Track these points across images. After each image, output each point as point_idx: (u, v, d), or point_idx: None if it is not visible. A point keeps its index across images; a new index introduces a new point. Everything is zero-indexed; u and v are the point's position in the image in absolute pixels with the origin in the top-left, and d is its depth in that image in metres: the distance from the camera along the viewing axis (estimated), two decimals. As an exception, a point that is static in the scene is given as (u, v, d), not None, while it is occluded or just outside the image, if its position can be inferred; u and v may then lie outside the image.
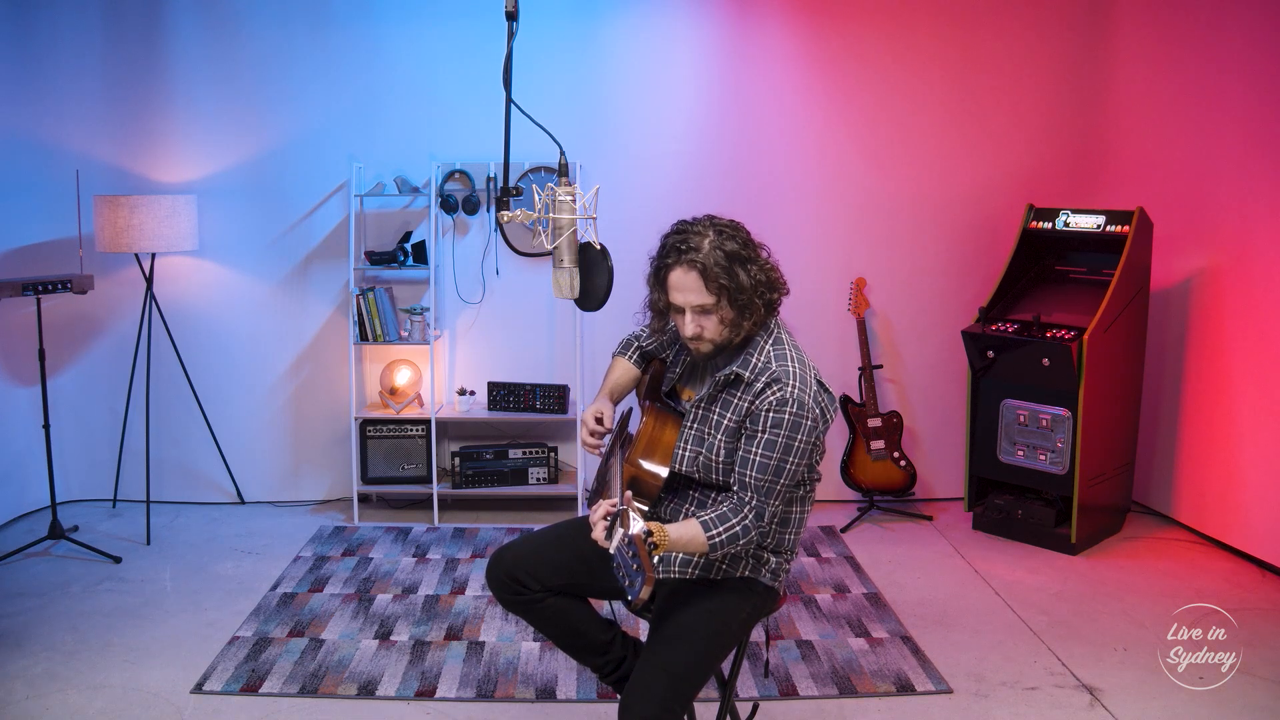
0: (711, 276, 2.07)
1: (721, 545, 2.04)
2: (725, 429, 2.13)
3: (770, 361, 2.12)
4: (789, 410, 2.05)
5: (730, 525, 2.04)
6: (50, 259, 4.36)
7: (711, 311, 2.10)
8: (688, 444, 2.18)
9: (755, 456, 2.07)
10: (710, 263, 2.06)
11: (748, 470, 2.07)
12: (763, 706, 2.89)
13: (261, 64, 4.40)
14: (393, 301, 4.56)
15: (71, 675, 3.06)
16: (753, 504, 2.06)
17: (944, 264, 4.64)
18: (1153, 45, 4.39)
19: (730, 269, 2.07)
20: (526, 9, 2.47)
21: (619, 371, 2.49)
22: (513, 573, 2.28)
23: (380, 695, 2.98)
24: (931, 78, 4.51)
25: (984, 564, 4.03)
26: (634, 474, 2.19)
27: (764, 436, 2.06)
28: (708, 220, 2.14)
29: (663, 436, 2.22)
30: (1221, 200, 4.09)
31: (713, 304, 2.09)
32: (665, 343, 2.45)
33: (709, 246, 2.07)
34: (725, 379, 2.14)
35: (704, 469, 2.17)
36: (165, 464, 4.59)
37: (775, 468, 2.06)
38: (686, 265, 2.08)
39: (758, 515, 2.06)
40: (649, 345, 2.49)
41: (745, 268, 2.09)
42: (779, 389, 2.07)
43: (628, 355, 2.51)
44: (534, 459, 4.55)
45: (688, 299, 2.10)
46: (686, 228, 2.14)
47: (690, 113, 4.51)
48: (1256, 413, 3.91)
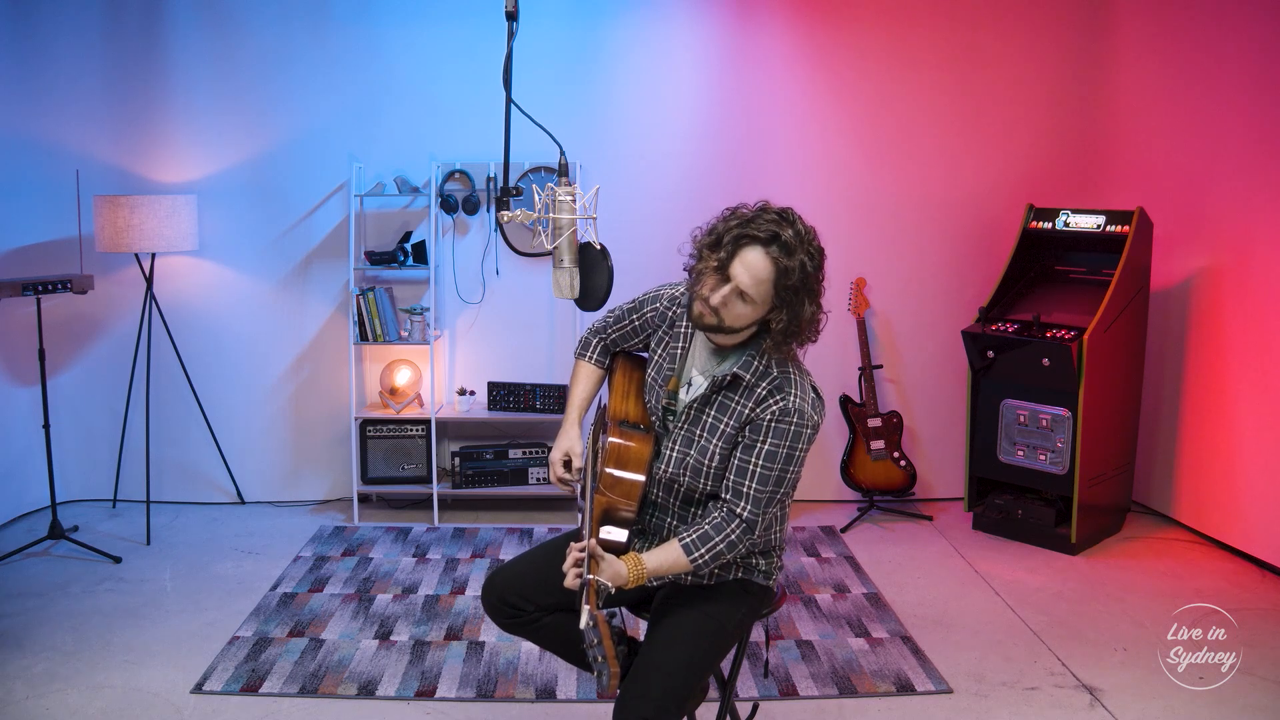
0: (784, 286, 1.96)
1: (705, 565, 2.02)
2: (723, 434, 2.07)
3: (772, 366, 2.06)
4: (792, 421, 2.01)
5: (713, 544, 2.01)
6: (50, 259, 4.36)
7: (750, 305, 1.99)
8: (675, 445, 2.13)
9: (756, 468, 2.03)
10: (792, 274, 1.95)
11: (746, 481, 2.04)
12: (763, 706, 2.89)
13: (261, 64, 4.40)
14: (393, 301, 4.56)
15: (71, 675, 3.06)
16: (744, 515, 2.03)
17: (944, 264, 4.64)
18: (1153, 45, 4.39)
19: (799, 294, 1.98)
20: (526, 9, 2.47)
21: (583, 380, 2.40)
22: (505, 597, 2.25)
23: (380, 695, 2.98)
24: (932, 78, 4.51)
25: (984, 564, 4.03)
26: (607, 504, 2.10)
27: (764, 447, 2.02)
28: (808, 231, 2.01)
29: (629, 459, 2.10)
30: (1221, 200, 4.09)
31: (758, 301, 1.98)
32: (639, 326, 2.30)
33: (799, 258, 1.96)
34: (723, 380, 2.08)
35: (693, 472, 2.10)
36: (165, 464, 4.59)
37: (776, 479, 2.04)
38: (772, 259, 1.96)
39: (748, 528, 2.03)
40: (615, 334, 2.36)
41: (810, 301, 2.00)
42: (782, 399, 2.02)
43: (588, 356, 2.42)
44: (534, 459, 4.55)
45: (743, 281, 1.97)
46: (792, 220, 2.00)
47: (690, 112, 4.51)
48: (1256, 412, 3.91)
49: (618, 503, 2.09)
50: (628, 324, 2.34)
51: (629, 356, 2.41)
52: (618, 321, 2.36)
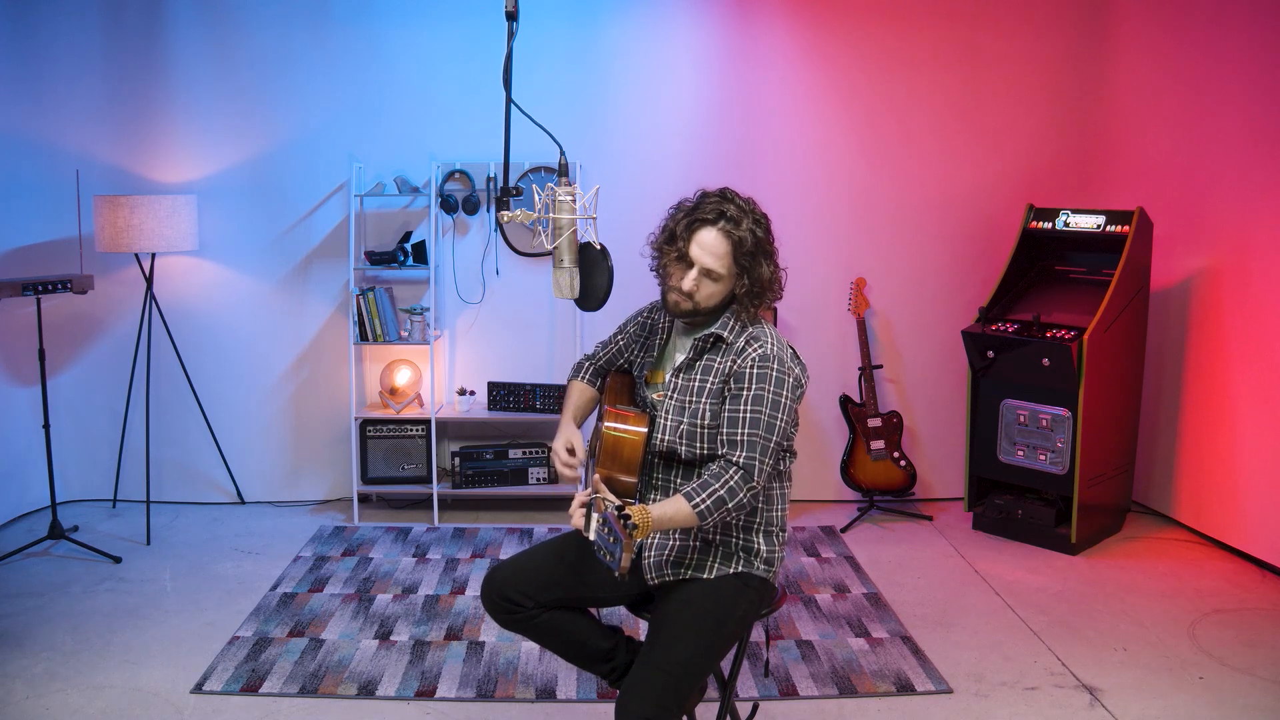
0: (741, 254, 2.15)
1: (709, 512, 2.04)
2: (709, 392, 2.18)
3: (747, 324, 2.22)
4: (772, 366, 2.14)
5: (714, 490, 2.05)
6: (50, 259, 4.36)
7: (717, 280, 2.17)
8: (669, 414, 2.21)
9: (745, 413, 2.11)
10: (745, 242, 2.15)
11: (738, 429, 2.11)
12: (763, 706, 2.89)
13: (261, 64, 4.40)
14: (393, 301, 4.56)
15: (71, 675, 3.06)
16: (740, 461, 2.08)
17: (944, 264, 4.64)
18: (1153, 45, 4.40)
19: (755, 256, 2.17)
20: (526, 9, 2.47)
21: (577, 395, 2.50)
22: (505, 593, 2.26)
23: (380, 695, 2.98)
24: (932, 78, 4.51)
25: (984, 564, 4.03)
26: (606, 475, 2.20)
27: (750, 393, 2.12)
28: (748, 202, 2.21)
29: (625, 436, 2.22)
30: (1221, 200, 4.09)
31: (724, 275, 2.16)
32: (623, 345, 2.45)
33: (746, 226, 2.15)
34: (705, 342, 2.21)
35: (688, 437, 2.18)
36: (165, 464, 4.59)
37: (766, 423, 2.10)
38: (723, 233, 2.15)
39: (746, 474, 2.07)
40: (604, 358, 2.50)
41: (766, 262, 2.19)
42: (759, 346, 2.16)
43: (581, 377, 2.52)
44: (534, 459, 4.55)
45: (705, 261, 2.16)
46: (731, 197, 2.21)
47: (690, 112, 4.51)
48: (1256, 412, 3.91)
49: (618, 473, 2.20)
50: (613, 346, 2.49)
51: (620, 371, 2.50)
52: (605, 346, 2.51)
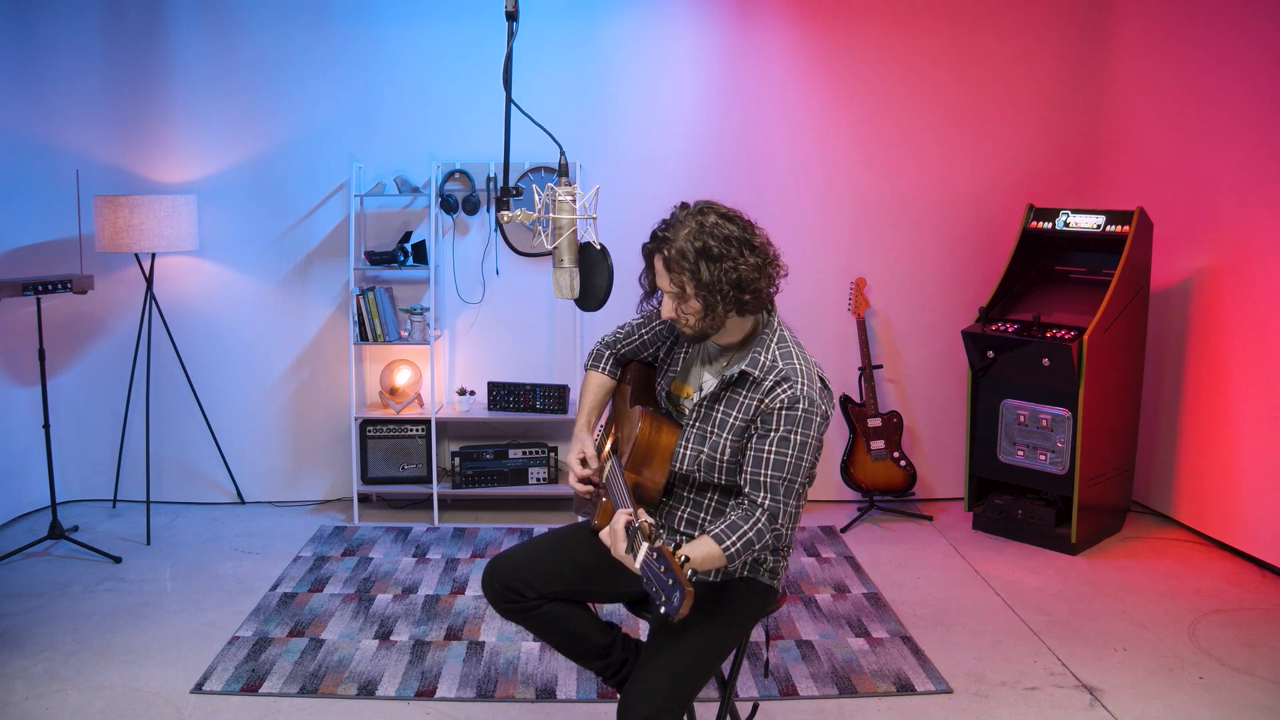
0: (675, 269, 2.06)
1: (738, 555, 2.01)
2: (732, 428, 2.12)
3: (777, 360, 2.11)
4: (800, 408, 2.06)
5: (743, 533, 2.01)
6: (50, 259, 4.36)
7: (692, 298, 2.09)
8: (689, 443, 2.18)
9: (770, 455, 2.06)
10: (675, 255, 2.05)
11: (763, 470, 2.06)
12: (763, 706, 2.89)
13: (261, 64, 4.40)
14: (393, 301, 4.56)
15: (71, 675, 3.06)
16: (766, 505, 2.04)
17: (944, 264, 4.64)
18: (1153, 45, 4.39)
19: (696, 265, 2.04)
20: (526, 9, 2.47)
21: (594, 390, 2.46)
22: (507, 581, 2.27)
23: (380, 695, 2.98)
24: (932, 78, 4.51)
25: (984, 564, 4.03)
26: (635, 480, 2.18)
27: (777, 434, 2.06)
28: (699, 209, 2.11)
29: (659, 441, 2.19)
30: (1221, 200, 4.09)
31: (687, 292, 2.08)
32: (649, 340, 2.40)
33: (683, 238, 2.06)
34: (732, 377, 2.13)
35: (706, 468, 2.16)
36: (165, 464, 4.60)
37: (792, 465, 2.06)
38: (660, 256, 2.10)
39: (771, 516, 2.04)
40: (625, 349, 2.44)
41: (712, 265, 2.04)
42: (789, 387, 2.07)
43: (600, 367, 2.47)
44: (534, 459, 4.55)
45: (664, 285, 2.12)
46: (675, 214, 2.13)
47: (690, 112, 4.51)
48: (1256, 413, 3.91)
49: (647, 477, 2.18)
50: (637, 339, 2.42)
51: (641, 364, 2.46)
52: (629, 336, 2.44)
